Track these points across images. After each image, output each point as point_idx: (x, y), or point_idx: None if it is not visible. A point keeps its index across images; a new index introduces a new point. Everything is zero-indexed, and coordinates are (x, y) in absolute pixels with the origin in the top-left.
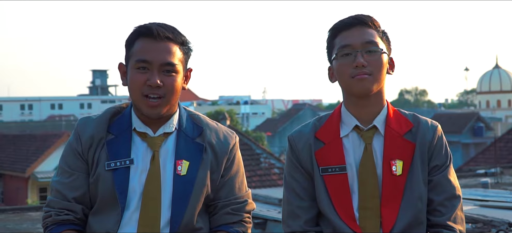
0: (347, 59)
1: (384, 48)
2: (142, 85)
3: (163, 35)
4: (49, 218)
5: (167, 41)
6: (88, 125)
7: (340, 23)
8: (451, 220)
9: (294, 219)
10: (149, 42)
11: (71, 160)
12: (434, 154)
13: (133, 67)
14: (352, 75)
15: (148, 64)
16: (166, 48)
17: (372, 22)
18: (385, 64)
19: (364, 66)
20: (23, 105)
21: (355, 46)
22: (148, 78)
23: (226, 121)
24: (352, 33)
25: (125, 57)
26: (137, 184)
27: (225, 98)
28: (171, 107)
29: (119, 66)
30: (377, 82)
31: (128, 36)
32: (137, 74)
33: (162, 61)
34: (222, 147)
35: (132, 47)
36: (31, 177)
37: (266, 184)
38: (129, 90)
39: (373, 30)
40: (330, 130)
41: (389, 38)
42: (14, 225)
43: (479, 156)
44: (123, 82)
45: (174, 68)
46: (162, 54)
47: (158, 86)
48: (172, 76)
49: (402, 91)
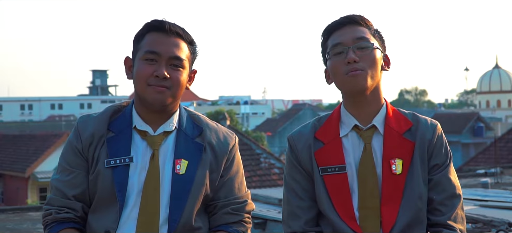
0: (339, 57)
1: (376, 44)
2: (149, 76)
3: (174, 30)
4: (49, 216)
5: (177, 36)
6: (89, 123)
7: (332, 24)
8: (451, 219)
9: (295, 219)
10: (160, 35)
11: (71, 158)
12: (434, 152)
13: (141, 59)
14: (345, 73)
15: (157, 56)
16: (175, 43)
17: (363, 21)
18: (378, 60)
19: (356, 62)
20: (23, 105)
21: (346, 43)
22: (155, 70)
23: (226, 121)
24: (343, 31)
25: (133, 51)
26: (136, 182)
27: (225, 99)
28: (174, 102)
29: (125, 60)
30: (371, 78)
31: (138, 31)
32: (145, 65)
33: (171, 54)
34: (222, 147)
35: (142, 40)
36: (31, 177)
37: (266, 184)
38: (134, 82)
39: (364, 27)
40: (330, 130)
41: (382, 36)
42: (14, 225)
43: (479, 156)
44: (128, 76)
45: (181, 63)
46: (171, 48)
47: (165, 77)
48: (179, 71)
49: (402, 91)
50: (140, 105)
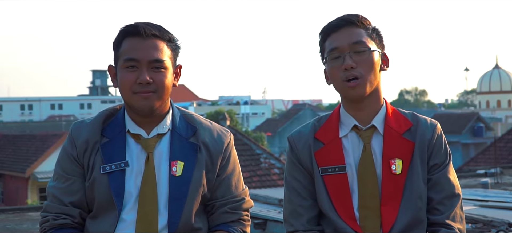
0: (336, 63)
1: (374, 46)
2: (133, 84)
3: (150, 32)
4: (47, 223)
5: (154, 38)
6: (82, 129)
7: (328, 26)
8: (450, 218)
9: (296, 217)
10: (136, 40)
11: (67, 165)
12: (434, 152)
13: (122, 67)
14: (343, 79)
15: (137, 62)
16: (153, 45)
17: (360, 21)
18: (376, 62)
19: (353, 68)
20: (23, 106)
21: (342, 49)
22: (137, 76)
23: (226, 121)
24: (339, 35)
25: (114, 59)
26: (133, 187)
27: (225, 99)
28: (163, 103)
29: (108, 69)
30: (369, 84)
31: (115, 38)
32: (127, 74)
33: (150, 58)
34: (216, 146)
35: (120, 47)
36: (31, 177)
37: (266, 184)
38: (120, 91)
39: (361, 29)
40: (329, 130)
41: (380, 34)
42: (14, 225)
43: (479, 156)
44: (114, 84)
45: (162, 65)
46: (149, 51)
47: (148, 82)
48: (162, 73)
49: (402, 92)
50: (130, 111)
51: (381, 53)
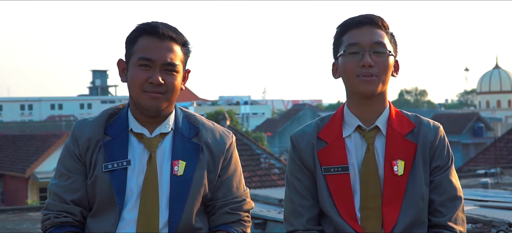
0: (354, 58)
1: (392, 50)
2: (144, 83)
3: (167, 34)
4: (48, 221)
5: (171, 41)
6: (85, 127)
7: (350, 21)
8: (451, 221)
9: (297, 217)
10: (153, 40)
11: (69, 163)
12: (436, 154)
13: (135, 65)
14: (357, 74)
15: (151, 62)
16: (169, 47)
17: (382, 23)
18: (391, 66)
19: (371, 67)
20: (23, 106)
21: (363, 45)
22: (150, 76)
23: (226, 121)
24: (361, 32)
25: (126, 54)
26: (135, 185)
27: (225, 99)
28: (170, 105)
29: (118, 63)
30: (382, 84)
31: (130, 33)
32: (139, 71)
33: (165, 60)
34: (219, 147)
35: (135, 44)
36: (31, 177)
37: (266, 184)
38: (128, 87)
39: (382, 31)
40: (333, 130)
41: (396, 41)
42: (14, 225)
43: (479, 156)
44: (122, 79)
45: (175, 68)
46: (165, 54)
47: (160, 84)
48: (173, 76)
49: (402, 92)
50: (135, 109)
51: (394, 59)
